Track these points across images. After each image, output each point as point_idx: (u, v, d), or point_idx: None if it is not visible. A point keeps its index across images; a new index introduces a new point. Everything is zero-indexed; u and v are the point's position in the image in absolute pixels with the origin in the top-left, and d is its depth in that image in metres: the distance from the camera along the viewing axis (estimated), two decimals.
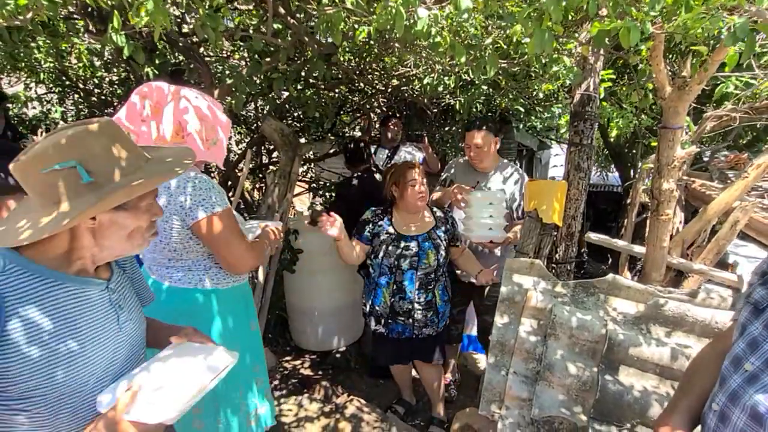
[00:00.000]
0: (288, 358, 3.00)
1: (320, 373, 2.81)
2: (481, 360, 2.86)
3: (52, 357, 0.76)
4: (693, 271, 1.74)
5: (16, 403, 0.74)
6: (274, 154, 3.79)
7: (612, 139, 5.14)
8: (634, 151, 5.45)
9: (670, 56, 2.15)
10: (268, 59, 2.11)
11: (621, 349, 1.59)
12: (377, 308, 2.06)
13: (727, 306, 1.61)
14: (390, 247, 2.00)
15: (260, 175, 3.63)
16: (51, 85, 2.93)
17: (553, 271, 2.06)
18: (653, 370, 1.56)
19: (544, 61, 2.02)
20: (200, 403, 1.39)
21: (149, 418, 0.77)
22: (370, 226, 2.04)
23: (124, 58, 1.60)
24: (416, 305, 2.01)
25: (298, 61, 2.15)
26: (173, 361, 0.87)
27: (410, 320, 2.03)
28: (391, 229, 2.01)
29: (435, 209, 2.14)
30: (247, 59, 2.57)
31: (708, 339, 1.57)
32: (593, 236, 1.93)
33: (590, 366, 1.62)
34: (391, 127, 3.25)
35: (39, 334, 0.75)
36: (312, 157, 4.23)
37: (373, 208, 2.12)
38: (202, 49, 2.72)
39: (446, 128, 4.22)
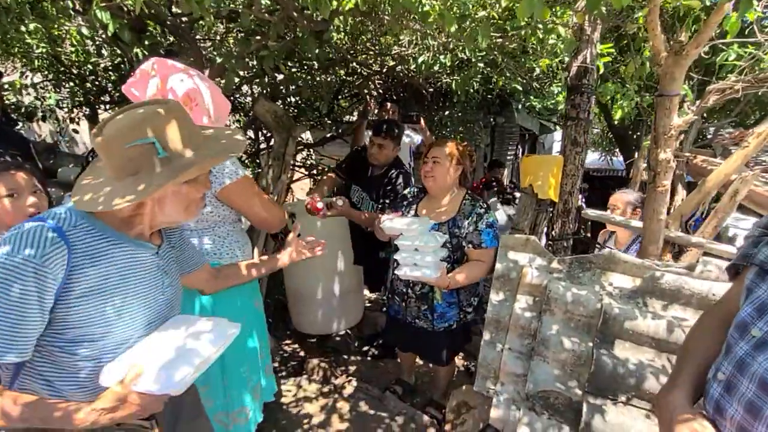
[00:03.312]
0: (288, 341, 3.02)
1: (320, 355, 2.82)
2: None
3: (106, 308, 0.84)
4: (691, 244, 1.71)
5: (69, 346, 0.82)
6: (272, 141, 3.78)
7: (616, 122, 5.06)
8: (638, 133, 5.36)
9: (670, 24, 2.09)
10: (258, 37, 2.08)
11: (616, 323, 1.57)
12: (388, 281, 2.04)
13: (725, 279, 1.58)
14: None
15: (257, 161, 3.61)
16: (46, 72, 2.92)
17: (550, 248, 2.03)
18: (649, 344, 1.54)
19: (540, 35, 1.98)
20: (208, 379, 1.45)
21: (156, 389, 0.81)
22: (404, 204, 2.02)
23: (109, 35, 1.58)
24: (409, 291, 1.95)
25: (289, 39, 2.11)
26: (177, 334, 0.91)
27: (403, 304, 1.99)
28: (413, 211, 1.97)
29: (473, 198, 1.88)
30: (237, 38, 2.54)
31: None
32: (590, 212, 1.90)
33: (585, 340, 1.61)
34: (388, 109, 3.20)
35: (99, 285, 0.83)
36: (309, 142, 4.21)
37: (415, 187, 2.10)
38: (198, 35, 2.69)
39: (445, 111, 4.17)
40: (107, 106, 3.34)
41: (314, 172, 4.29)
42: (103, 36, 2.26)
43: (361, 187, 2.64)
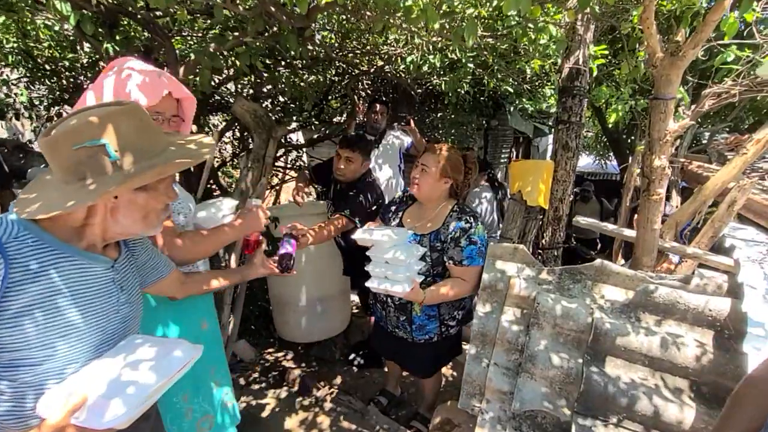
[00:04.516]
0: (270, 350, 2.92)
1: (302, 365, 2.72)
2: None
3: (47, 328, 0.76)
4: (686, 255, 1.63)
5: (5, 371, 0.75)
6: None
7: (610, 125, 5.00)
8: (633, 137, 5.31)
9: (666, 26, 2.01)
10: (236, 33, 1.98)
11: (607, 339, 1.48)
12: None
13: (722, 292, 1.50)
14: None
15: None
16: (20, 68, 2.80)
17: (540, 257, 1.95)
18: (642, 361, 1.45)
19: (533, 35, 1.89)
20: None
21: (98, 423, 0.74)
22: (392, 210, 1.92)
23: (71, 27, 1.48)
24: (389, 300, 1.86)
25: (268, 36, 2.01)
26: (128, 359, 0.83)
27: (384, 312, 1.91)
28: (398, 219, 1.87)
29: (461, 211, 1.74)
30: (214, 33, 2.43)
31: (701, 327, 1.46)
32: (582, 220, 1.82)
33: (575, 357, 1.52)
34: (377, 110, 3.11)
35: (39, 303, 0.76)
36: (299, 143, 4.10)
37: (404, 191, 2.00)
38: (184, 32, 2.59)
39: (437, 113, 4.08)
40: None
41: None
42: (71, 30, 2.15)
43: (331, 201, 2.50)
